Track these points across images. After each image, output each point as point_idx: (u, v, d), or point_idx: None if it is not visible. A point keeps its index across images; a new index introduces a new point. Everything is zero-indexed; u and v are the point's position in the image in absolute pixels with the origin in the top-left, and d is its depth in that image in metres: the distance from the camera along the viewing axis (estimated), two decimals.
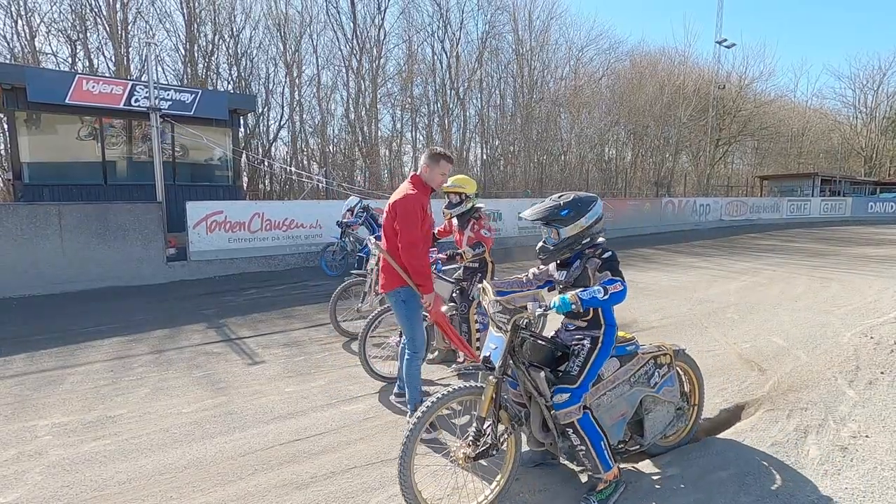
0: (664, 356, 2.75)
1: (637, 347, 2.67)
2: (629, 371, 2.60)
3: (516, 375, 2.39)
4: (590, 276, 2.38)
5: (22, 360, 4.59)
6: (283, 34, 19.49)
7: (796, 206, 24.05)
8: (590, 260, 2.41)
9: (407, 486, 2.18)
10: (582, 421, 2.33)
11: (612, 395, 2.54)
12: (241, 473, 2.79)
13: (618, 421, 2.57)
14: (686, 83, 28.33)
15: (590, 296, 2.21)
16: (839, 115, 36.94)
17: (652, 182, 28.49)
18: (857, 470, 2.61)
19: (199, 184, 12.31)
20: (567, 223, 2.41)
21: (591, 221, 2.43)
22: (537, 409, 2.43)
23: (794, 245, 13.96)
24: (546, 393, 2.36)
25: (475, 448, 2.30)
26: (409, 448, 2.16)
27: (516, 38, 23.98)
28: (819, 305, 6.32)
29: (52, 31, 16.57)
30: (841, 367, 4.03)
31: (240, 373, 4.33)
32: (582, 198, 2.47)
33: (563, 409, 2.31)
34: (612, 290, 2.22)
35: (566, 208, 2.41)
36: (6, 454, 3.00)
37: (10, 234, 7.09)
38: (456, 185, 4.04)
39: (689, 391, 3.01)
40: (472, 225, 4.10)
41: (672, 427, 2.84)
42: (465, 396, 2.32)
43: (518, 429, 2.42)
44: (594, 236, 2.46)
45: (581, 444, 2.34)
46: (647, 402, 2.68)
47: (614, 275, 2.32)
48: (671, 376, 2.77)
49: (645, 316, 5.76)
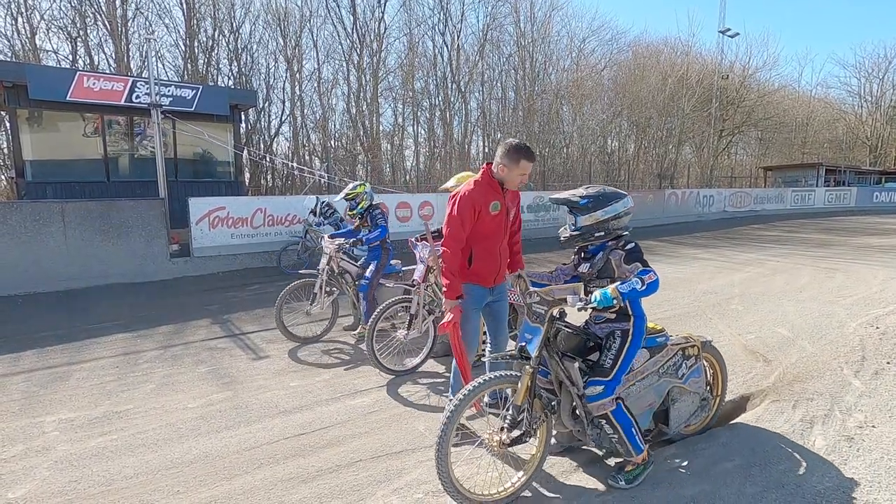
0: (692, 347, 2.81)
1: (667, 339, 2.73)
2: (658, 362, 2.66)
3: (548, 364, 2.43)
4: (613, 267, 2.43)
5: (29, 357, 4.62)
6: (283, 28, 19.42)
7: (801, 197, 23.90)
8: (612, 252, 2.46)
9: (444, 469, 2.23)
10: (615, 412, 2.39)
11: (641, 385, 2.60)
12: (248, 467, 2.80)
13: (645, 411, 2.64)
14: (689, 74, 28.11)
15: (629, 288, 2.23)
16: (844, 105, 36.66)
17: (655, 174, 28.37)
18: (864, 460, 2.60)
19: (202, 180, 12.31)
20: (583, 213, 2.47)
21: (608, 216, 2.46)
22: (568, 398, 2.48)
23: (799, 235, 13.88)
24: (579, 383, 2.41)
25: (510, 434, 2.37)
26: (447, 434, 2.22)
27: (518, 29, 23.83)
28: (824, 296, 6.29)
29: (53, 29, 16.56)
30: (847, 357, 4.01)
31: (245, 367, 4.34)
32: (607, 193, 2.51)
33: (596, 401, 2.36)
34: (648, 281, 2.25)
35: (586, 198, 2.48)
36: (14, 450, 3.02)
37: (13, 231, 7.11)
38: (460, 184, 3.91)
39: (712, 381, 3.07)
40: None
41: (696, 417, 2.89)
42: (501, 385, 2.38)
43: (550, 416, 2.49)
44: (610, 232, 2.48)
45: (614, 432, 2.41)
46: (674, 392, 2.74)
47: (644, 266, 2.35)
48: (698, 367, 2.83)
49: (649, 308, 5.67)
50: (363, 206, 5.08)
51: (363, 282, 4.90)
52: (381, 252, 5.00)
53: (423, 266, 4.04)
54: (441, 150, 23.16)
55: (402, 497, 2.50)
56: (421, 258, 4.09)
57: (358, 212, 5.12)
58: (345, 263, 5.11)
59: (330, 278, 4.97)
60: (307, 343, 4.89)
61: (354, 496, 2.52)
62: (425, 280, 4.08)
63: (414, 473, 2.71)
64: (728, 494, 2.39)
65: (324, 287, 4.91)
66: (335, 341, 5.01)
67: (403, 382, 3.98)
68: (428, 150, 23.34)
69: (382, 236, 4.96)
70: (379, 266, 4.93)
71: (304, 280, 4.93)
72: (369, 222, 5.06)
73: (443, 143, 23.06)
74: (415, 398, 3.70)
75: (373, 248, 5.04)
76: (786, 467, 2.57)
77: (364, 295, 4.87)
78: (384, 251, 5.01)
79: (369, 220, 5.06)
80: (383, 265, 4.98)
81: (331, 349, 4.80)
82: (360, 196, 5.09)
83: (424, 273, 4.04)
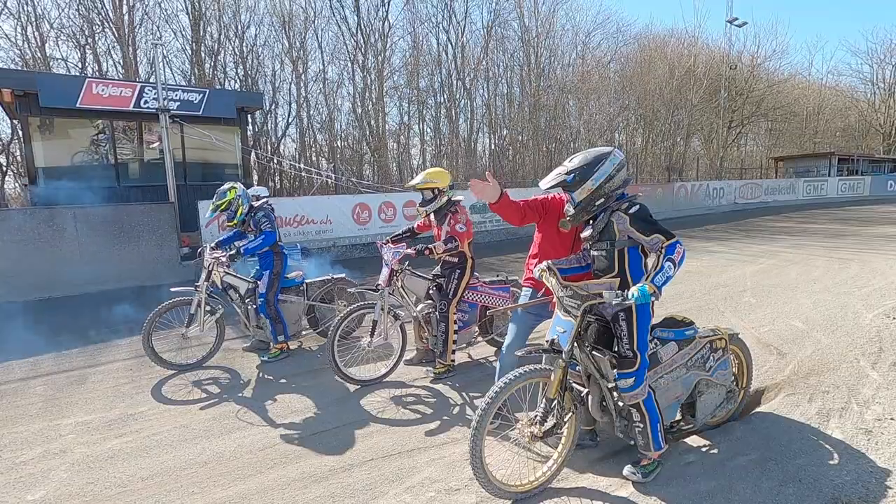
0: (719, 340, 2.81)
1: (695, 332, 2.72)
2: (686, 355, 2.66)
3: (577, 357, 2.42)
4: (616, 231, 2.36)
5: (47, 361, 4.69)
6: (288, 30, 19.48)
7: (813, 187, 23.53)
8: (615, 214, 2.37)
9: (477, 461, 2.25)
10: (647, 401, 2.41)
11: (669, 377, 2.61)
12: (261, 467, 2.82)
13: (672, 403, 2.66)
14: (696, 65, 27.76)
15: (663, 277, 2.18)
16: (856, 92, 35.95)
17: (664, 167, 28.07)
18: (883, 453, 2.56)
19: (210, 183, 12.39)
20: (575, 188, 2.39)
21: (600, 182, 2.35)
22: (597, 390, 2.48)
23: (812, 226, 13.68)
24: (609, 375, 2.40)
25: (542, 427, 2.38)
26: (483, 424, 2.24)
27: (522, 25, 23.67)
28: (839, 287, 6.19)
29: (62, 37, 16.75)
30: (863, 349, 3.94)
31: (256, 368, 4.37)
32: (589, 159, 2.38)
33: (630, 392, 2.37)
34: (678, 258, 2.21)
35: (571, 173, 2.37)
36: (33, 452, 3.07)
37: (28, 238, 7.23)
38: (427, 180, 3.80)
39: (738, 374, 3.07)
40: (449, 219, 3.86)
41: (722, 408, 2.90)
42: (533, 379, 2.39)
43: (579, 408, 2.50)
44: (610, 195, 2.38)
45: (641, 421, 2.42)
46: (701, 385, 2.74)
47: (654, 230, 2.28)
48: (725, 360, 2.83)
49: (660, 302, 5.67)
50: (242, 212, 4.41)
51: (259, 301, 4.35)
52: (274, 259, 4.40)
53: (388, 269, 3.85)
54: (447, 148, 23.11)
55: (415, 495, 2.50)
56: (386, 262, 3.88)
57: (239, 220, 4.44)
58: (229, 278, 4.46)
59: (211, 295, 4.36)
60: (183, 370, 4.30)
61: (367, 495, 2.53)
62: (389, 284, 3.89)
63: (426, 472, 2.71)
64: (744, 489, 2.37)
65: (203, 306, 4.28)
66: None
67: (409, 378, 3.98)
68: (434, 147, 23.31)
69: (269, 242, 4.31)
70: (272, 276, 4.37)
71: (177, 300, 4.28)
72: (253, 227, 4.41)
73: (449, 140, 23.01)
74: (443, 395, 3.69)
75: (263, 255, 4.42)
76: (803, 461, 2.54)
77: (266, 314, 4.36)
78: (276, 257, 4.41)
79: (252, 224, 4.42)
80: (277, 274, 4.41)
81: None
82: (234, 202, 4.40)
83: (388, 277, 3.86)
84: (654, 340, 2.59)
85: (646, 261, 2.47)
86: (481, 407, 2.28)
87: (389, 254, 3.86)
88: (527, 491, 2.41)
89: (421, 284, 4.11)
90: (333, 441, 3.09)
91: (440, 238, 3.94)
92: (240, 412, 3.53)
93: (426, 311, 4.06)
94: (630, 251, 2.39)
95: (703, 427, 2.89)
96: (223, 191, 4.46)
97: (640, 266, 2.42)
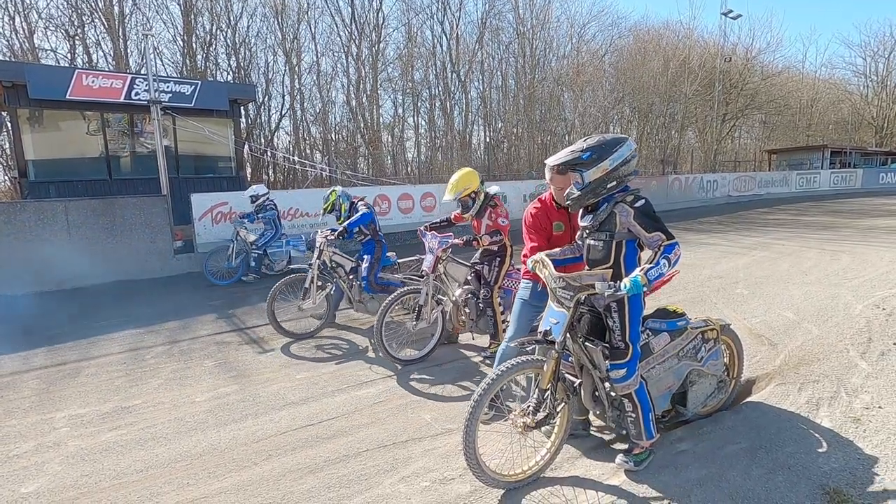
0: (711, 331, 2.83)
1: (687, 322, 2.74)
2: (678, 346, 2.68)
3: (570, 348, 2.43)
4: (617, 223, 2.33)
5: (39, 355, 4.66)
6: (281, 21, 19.27)
7: (806, 180, 23.68)
8: (618, 205, 2.33)
9: (470, 451, 2.28)
10: (639, 391, 2.44)
11: (661, 368, 2.63)
12: (256, 459, 2.83)
13: (664, 392, 2.68)
14: (691, 57, 27.74)
15: (657, 272, 2.18)
16: (849, 85, 36.10)
17: (658, 160, 28.13)
18: (871, 441, 2.60)
19: (203, 176, 12.31)
20: (589, 166, 2.30)
21: (617, 164, 2.29)
22: (589, 380, 2.50)
23: (804, 218, 13.78)
24: (601, 366, 2.42)
25: (535, 417, 2.40)
26: (476, 414, 2.27)
27: (517, 16, 23.54)
28: (830, 278, 6.25)
29: (50, 28, 16.50)
30: (853, 339, 3.99)
31: (251, 361, 4.37)
32: (608, 139, 2.35)
33: (622, 382, 2.39)
34: (675, 258, 2.21)
35: (588, 150, 2.30)
36: (26, 446, 3.06)
37: (19, 231, 7.15)
38: (462, 189, 3.93)
39: (729, 364, 3.09)
40: (490, 213, 4.02)
41: (713, 398, 2.93)
42: (527, 370, 2.42)
43: (572, 399, 2.53)
44: (622, 179, 2.34)
45: (633, 411, 2.45)
46: (693, 375, 2.77)
47: (656, 227, 2.26)
48: (717, 350, 2.86)
49: (653, 294, 5.71)
50: (345, 209, 5.20)
51: (363, 283, 4.89)
52: (375, 245, 4.97)
53: (433, 257, 4.03)
54: (442, 141, 23.04)
55: (409, 485, 2.52)
56: (430, 248, 4.07)
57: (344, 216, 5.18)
58: (338, 257, 5.03)
59: (322, 272, 4.88)
60: (300, 339, 4.83)
61: (362, 485, 2.54)
62: (434, 270, 4.07)
63: (420, 462, 2.73)
64: (734, 477, 2.40)
65: (315, 281, 4.78)
66: (334, 336, 5.03)
67: (409, 373, 4.00)
68: (429, 140, 23.22)
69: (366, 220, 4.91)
70: (373, 260, 4.91)
71: (295, 275, 4.87)
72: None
73: (444, 133, 22.93)
74: (421, 387, 3.71)
75: (365, 243, 5.03)
76: (792, 449, 2.57)
77: (370, 291, 4.89)
78: (377, 244, 4.99)
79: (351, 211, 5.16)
80: (378, 258, 4.96)
81: (335, 341, 4.82)
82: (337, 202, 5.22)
83: (433, 264, 4.03)
84: (646, 331, 2.60)
85: (640, 255, 2.48)
86: (474, 398, 2.30)
87: (435, 242, 4.00)
88: (520, 480, 2.44)
89: (462, 271, 4.30)
90: (328, 432, 3.10)
91: (479, 229, 4.09)
92: (235, 404, 3.53)
93: (464, 297, 4.21)
94: (627, 244, 2.39)
95: (695, 416, 2.93)
96: (326, 195, 5.28)
97: (635, 259, 2.43)
